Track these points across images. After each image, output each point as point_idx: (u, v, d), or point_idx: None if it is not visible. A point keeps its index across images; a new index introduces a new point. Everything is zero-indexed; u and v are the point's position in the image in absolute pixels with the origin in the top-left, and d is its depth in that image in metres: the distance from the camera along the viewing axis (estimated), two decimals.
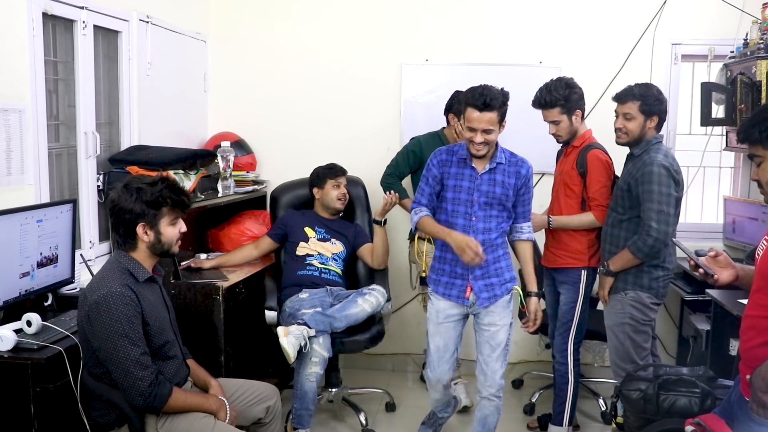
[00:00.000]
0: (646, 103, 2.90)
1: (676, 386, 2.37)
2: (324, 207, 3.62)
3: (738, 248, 3.82)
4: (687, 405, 2.34)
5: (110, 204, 2.25)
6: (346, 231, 3.63)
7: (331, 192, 3.58)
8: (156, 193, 2.22)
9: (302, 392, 3.09)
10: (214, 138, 4.03)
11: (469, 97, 2.72)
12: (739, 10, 3.70)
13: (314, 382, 3.09)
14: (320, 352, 3.08)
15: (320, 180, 3.61)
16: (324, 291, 3.40)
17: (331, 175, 3.59)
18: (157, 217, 2.24)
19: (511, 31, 4.02)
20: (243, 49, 4.21)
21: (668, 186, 2.80)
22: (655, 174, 2.80)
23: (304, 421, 3.12)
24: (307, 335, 3.05)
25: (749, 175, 2.29)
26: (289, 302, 3.36)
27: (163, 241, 2.27)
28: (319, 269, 3.47)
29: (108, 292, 2.12)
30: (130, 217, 2.21)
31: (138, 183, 2.25)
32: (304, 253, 3.50)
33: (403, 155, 3.70)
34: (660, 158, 2.83)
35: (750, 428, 1.94)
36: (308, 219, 3.61)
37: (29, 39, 2.63)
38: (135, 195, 2.21)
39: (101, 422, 2.24)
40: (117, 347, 2.10)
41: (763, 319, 1.93)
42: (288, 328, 3.03)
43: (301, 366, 3.08)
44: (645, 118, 2.91)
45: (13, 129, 2.56)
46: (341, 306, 3.24)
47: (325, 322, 3.12)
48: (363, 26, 4.11)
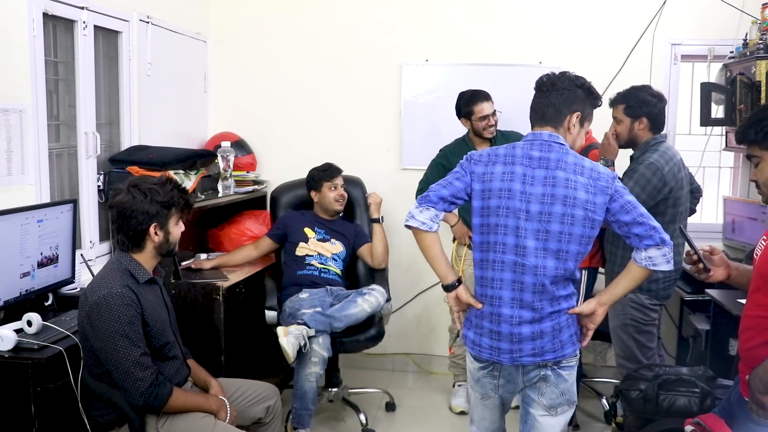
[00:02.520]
0: (629, 105, 2.91)
1: (675, 386, 2.38)
2: (323, 209, 3.61)
3: (737, 248, 3.83)
4: (687, 405, 2.35)
5: (119, 207, 2.22)
6: (345, 231, 3.63)
7: (328, 194, 3.56)
8: (168, 194, 2.25)
9: (302, 392, 3.09)
10: (214, 138, 4.03)
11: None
12: (738, 11, 3.70)
13: (314, 382, 3.09)
14: (320, 352, 3.08)
15: (316, 183, 3.59)
16: (324, 291, 3.40)
17: (326, 177, 3.57)
18: (167, 217, 2.26)
19: (511, 31, 4.01)
20: (243, 49, 4.21)
21: (642, 188, 2.77)
22: (637, 173, 2.80)
23: (304, 421, 3.12)
24: (307, 335, 3.04)
25: (749, 176, 2.29)
26: (288, 302, 3.36)
27: (171, 240, 2.30)
28: (318, 269, 3.47)
29: (108, 292, 2.13)
30: (144, 218, 2.22)
31: (147, 184, 2.26)
32: (303, 254, 3.50)
33: (432, 168, 3.66)
34: (654, 158, 2.82)
35: (749, 428, 1.94)
36: (308, 219, 3.61)
37: (30, 39, 2.63)
38: (148, 196, 2.22)
39: (101, 422, 2.24)
40: (117, 348, 2.11)
41: (762, 319, 1.93)
42: (288, 328, 3.03)
43: (301, 366, 3.08)
44: (631, 121, 2.92)
45: (14, 129, 2.57)
46: (341, 306, 3.24)
47: (324, 322, 3.12)
48: (363, 26, 4.11)
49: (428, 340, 4.27)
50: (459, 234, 3.63)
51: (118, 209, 2.23)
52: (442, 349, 4.12)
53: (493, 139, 3.56)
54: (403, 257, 4.02)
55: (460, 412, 3.69)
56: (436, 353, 4.23)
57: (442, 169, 3.61)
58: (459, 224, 3.63)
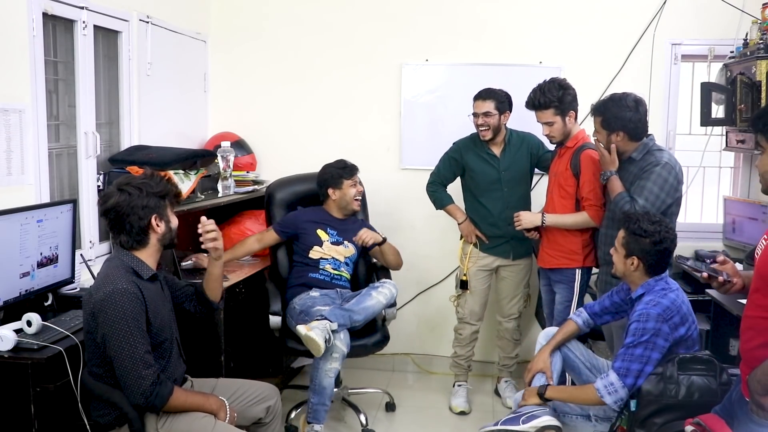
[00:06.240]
0: (605, 119, 2.91)
1: (692, 364, 2.36)
2: (340, 208, 3.54)
3: (738, 248, 3.83)
4: (705, 384, 2.33)
5: (116, 208, 2.22)
6: (356, 230, 3.55)
7: (349, 192, 3.50)
8: (159, 184, 2.29)
9: (320, 387, 3.08)
10: (214, 138, 4.03)
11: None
12: (739, 10, 3.70)
13: (333, 377, 3.09)
14: (341, 348, 3.07)
15: (336, 180, 3.52)
16: (334, 292, 3.41)
17: (347, 175, 3.51)
18: (164, 207, 2.30)
19: (511, 31, 4.01)
20: (243, 49, 4.21)
21: (661, 187, 2.81)
22: (654, 173, 2.81)
23: (320, 416, 3.11)
24: (330, 329, 3.03)
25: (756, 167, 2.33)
26: (298, 299, 3.33)
27: (172, 228, 2.34)
28: (331, 275, 3.45)
29: (114, 289, 2.13)
30: (145, 212, 2.23)
31: (137, 180, 2.28)
32: (318, 257, 3.45)
33: (444, 161, 3.65)
34: (666, 157, 2.85)
35: (750, 428, 1.95)
36: (320, 220, 3.53)
37: (29, 39, 2.63)
38: (143, 190, 2.24)
39: (101, 422, 2.24)
40: (122, 345, 2.11)
41: (762, 320, 1.94)
42: (309, 325, 3.01)
43: (321, 361, 3.06)
44: (608, 133, 2.92)
45: (13, 129, 2.57)
46: (357, 300, 3.23)
47: (345, 316, 3.10)
48: (363, 26, 4.11)
49: (428, 340, 4.27)
50: (466, 232, 3.63)
51: (116, 211, 2.23)
52: (442, 349, 4.12)
53: (506, 139, 3.55)
54: (404, 257, 4.01)
55: (460, 412, 3.69)
56: (436, 353, 4.24)
57: (455, 163, 3.62)
58: (466, 222, 3.62)
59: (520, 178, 3.57)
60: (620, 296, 2.70)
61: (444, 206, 3.65)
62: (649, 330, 2.37)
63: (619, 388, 2.38)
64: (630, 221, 2.52)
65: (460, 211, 3.64)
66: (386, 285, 3.33)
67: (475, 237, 3.60)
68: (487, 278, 3.69)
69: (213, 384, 2.52)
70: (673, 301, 2.43)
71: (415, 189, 3.83)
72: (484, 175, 3.54)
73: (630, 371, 2.37)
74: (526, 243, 3.58)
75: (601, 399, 2.41)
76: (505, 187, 3.53)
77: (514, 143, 3.56)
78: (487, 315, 3.84)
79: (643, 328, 2.37)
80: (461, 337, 3.76)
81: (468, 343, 3.75)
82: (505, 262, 3.65)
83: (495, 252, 3.62)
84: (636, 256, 2.49)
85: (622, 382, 2.37)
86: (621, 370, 2.39)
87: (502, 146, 3.54)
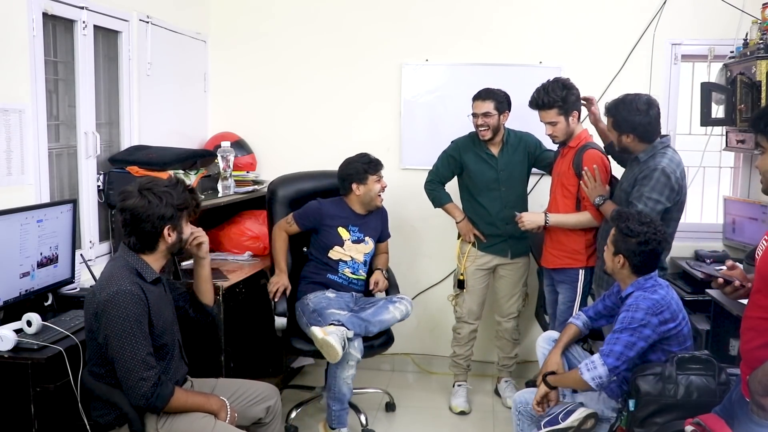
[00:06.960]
0: (616, 121, 2.91)
1: (690, 363, 2.36)
2: (363, 203, 3.47)
3: (738, 248, 3.83)
4: (704, 384, 2.34)
5: (133, 210, 2.21)
6: (376, 225, 3.53)
7: (374, 187, 3.43)
8: (181, 196, 2.27)
9: (341, 394, 3.13)
10: (214, 138, 4.03)
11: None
12: (739, 10, 3.70)
13: (351, 383, 3.15)
14: (356, 355, 3.10)
15: (361, 176, 3.40)
16: (349, 296, 3.41)
17: (372, 170, 3.43)
18: (180, 218, 2.29)
19: (511, 31, 4.01)
20: (243, 49, 4.21)
21: (660, 192, 2.79)
22: (653, 179, 2.80)
23: (344, 420, 3.19)
24: (347, 336, 3.04)
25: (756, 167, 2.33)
26: (313, 296, 3.31)
27: (184, 239, 2.34)
28: (348, 279, 3.43)
29: (118, 289, 2.13)
30: (160, 221, 2.22)
31: (159, 187, 2.25)
32: (337, 258, 3.42)
33: (442, 159, 3.64)
34: (665, 163, 2.82)
35: (750, 428, 1.94)
36: (342, 216, 3.45)
37: (29, 39, 2.63)
38: (163, 199, 2.22)
39: (101, 422, 2.24)
40: (124, 346, 2.11)
41: (763, 321, 1.93)
42: (325, 329, 3.01)
43: (339, 369, 3.09)
44: (618, 134, 2.92)
45: (13, 129, 2.57)
46: (374, 311, 3.22)
47: (361, 326, 3.12)
48: (363, 26, 4.11)
49: (428, 340, 4.27)
50: (464, 231, 3.63)
51: (132, 213, 2.21)
52: (442, 349, 4.12)
53: (504, 139, 3.54)
54: (403, 258, 4.02)
55: (460, 412, 3.69)
56: (436, 353, 4.24)
57: (453, 162, 3.62)
58: (464, 222, 3.62)
59: (517, 178, 3.57)
60: (611, 300, 2.73)
61: (442, 205, 3.65)
62: (637, 320, 2.42)
63: (598, 365, 2.41)
64: (620, 219, 2.55)
65: (458, 209, 3.64)
66: (403, 302, 3.32)
67: (473, 236, 3.60)
68: (485, 277, 3.69)
69: (213, 384, 2.53)
70: (663, 297, 2.47)
71: (415, 189, 3.83)
72: (482, 174, 3.54)
73: (612, 352, 2.41)
74: (524, 242, 3.59)
75: (582, 377, 2.44)
76: (503, 186, 3.53)
77: (512, 143, 3.56)
78: (486, 315, 3.84)
79: (632, 317, 2.42)
80: (459, 337, 3.76)
81: (466, 343, 3.75)
82: (503, 261, 3.65)
83: (493, 251, 3.63)
84: (622, 255, 2.53)
85: (603, 360, 2.41)
86: (604, 351, 2.44)
87: (500, 146, 3.54)
